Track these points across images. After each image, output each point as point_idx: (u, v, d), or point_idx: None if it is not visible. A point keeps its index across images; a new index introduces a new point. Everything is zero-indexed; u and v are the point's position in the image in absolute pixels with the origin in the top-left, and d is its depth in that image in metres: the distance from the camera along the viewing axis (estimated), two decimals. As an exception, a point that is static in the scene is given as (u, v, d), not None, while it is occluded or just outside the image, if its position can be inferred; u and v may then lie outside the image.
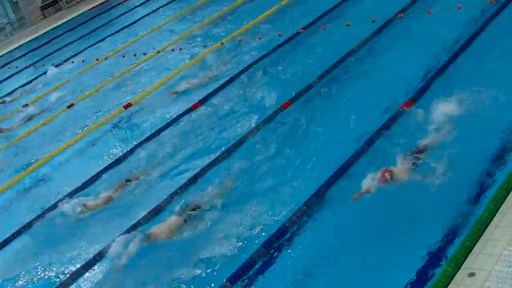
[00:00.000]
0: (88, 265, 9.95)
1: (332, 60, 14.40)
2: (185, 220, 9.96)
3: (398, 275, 7.28)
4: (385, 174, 8.78)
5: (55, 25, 34.95)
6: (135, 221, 10.63)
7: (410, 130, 10.21)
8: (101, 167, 13.49)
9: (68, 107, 18.83)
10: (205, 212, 10.13)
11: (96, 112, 17.46)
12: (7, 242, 11.91)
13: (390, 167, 8.97)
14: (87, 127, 16.54)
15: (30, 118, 19.50)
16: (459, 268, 6.75)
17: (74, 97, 19.65)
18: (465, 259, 6.86)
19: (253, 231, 9.20)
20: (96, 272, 9.80)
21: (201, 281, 8.56)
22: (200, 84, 16.22)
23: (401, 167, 9.01)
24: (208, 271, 8.73)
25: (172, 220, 10.04)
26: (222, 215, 9.93)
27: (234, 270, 8.36)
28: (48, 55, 27.71)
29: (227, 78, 15.83)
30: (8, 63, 29.93)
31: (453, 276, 6.66)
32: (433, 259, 7.35)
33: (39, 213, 12.34)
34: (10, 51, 33.31)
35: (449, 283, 6.59)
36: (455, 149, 9.16)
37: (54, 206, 12.23)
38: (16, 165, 16.04)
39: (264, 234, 8.97)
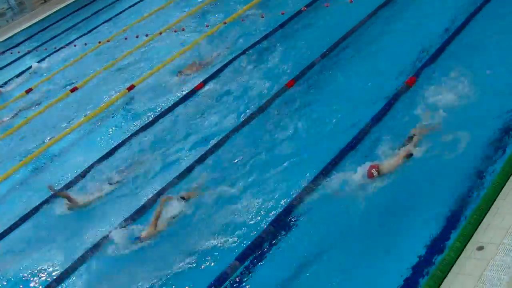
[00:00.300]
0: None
1: (335, 37, 14.34)
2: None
3: (408, 251, 7.29)
4: (372, 171, 8.66)
5: (55, 9, 34.73)
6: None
7: (406, 114, 10.19)
8: (106, 151, 13.51)
9: (72, 90, 18.80)
10: (212, 194, 10.16)
11: (100, 95, 17.41)
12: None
13: (377, 163, 8.84)
14: (91, 110, 16.50)
15: (33, 103, 19.47)
16: (467, 242, 6.76)
17: (78, 80, 19.58)
18: (474, 233, 6.87)
19: (261, 211, 9.23)
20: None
21: (210, 261, 8.61)
22: (202, 65, 16.15)
23: (390, 159, 8.92)
24: (217, 251, 8.75)
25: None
26: (230, 196, 9.96)
27: (242, 249, 8.42)
28: (50, 39, 27.56)
29: (230, 59, 15.79)
30: (10, 48, 29.77)
31: (462, 250, 6.67)
32: (442, 234, 7.34)
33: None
34: (11, 36, 33.15)
35: (458, 257, 6.60)
36: (460, 125, 9.17)
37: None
38: (22, 150, 16.03)
39: (272, 213, 8.99)
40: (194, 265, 8.63)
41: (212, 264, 8.49)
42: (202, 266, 8.54)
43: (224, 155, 11.38)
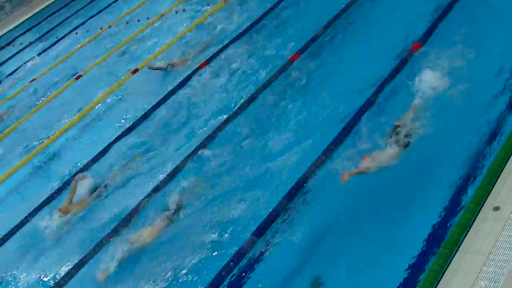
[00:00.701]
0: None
1: (337, 8, 14.21)
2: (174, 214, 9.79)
3: (424, 217, 7.31)
4: (364, 162, 8.33)
5: (54, -1, 34.70)
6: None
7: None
8: (115, 136, 13.52)
9: (76, 78, 18.79)
10: (221, 171, 10.19)
11: (104, 81, 17.40)
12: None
13: (371, 154, 8.49)
14: (97, 96, 16.50)
15: (39, 94, 19.47)
16: (483, 204, 6.74)
17: (82, 68, 19.56)
18: (489, 193, 6.85)
19: (274, 185, 9.24)
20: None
21: (227, 238, 8.65)
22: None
23: (387, 149, 8.58)
24: (232, 228, 8.79)
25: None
26: (240, 173, 9.97)
27: (258, 224, 8.43)
28: (52, 29, 27.55)
29: (234, 36, 15.70)
30: (12, 41, 29.78)
31: (478, 212, 6.66)
32: (456, 197, 7.35)
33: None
34: (12, 28, 33.10)
35: (474, 219, 6.59)
36: (467, 87, 9.07)
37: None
38: (29, 142, 16.08)
39: (285, 186, 8.96)
40: (211, 243, 8.67)
41: (230, 240, 8.53)
42: (220, 244, 8.58)
43: (232, 131, 11.40)
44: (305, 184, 8.85)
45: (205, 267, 8.33)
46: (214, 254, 8.47)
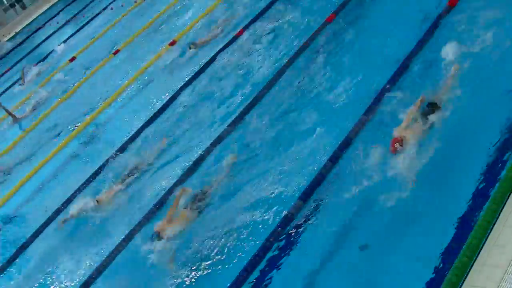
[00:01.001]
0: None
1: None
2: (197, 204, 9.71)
3: (470, 172, 7.28)
4: (395, 145, 8.04)
5: (87, -25, 34.80)
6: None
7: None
8: (156, 109, 13.66)
9: (114, 53, 18.93)
10: (263, 138, 10.26)
11: (142, 54, 17.47)
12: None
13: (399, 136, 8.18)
14: (135, 71, 16.58)
15: (78, 71, 19.68)
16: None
17: (119, 43, 19.69)
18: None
19: (318, 148, 9.24)
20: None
21: (274, 204, 8.69)
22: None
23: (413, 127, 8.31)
24: (278, 194, 8.82)
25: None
26: (282, 139, 10.03)
27: (304, 189, 8.48)
28: (86, 6, 27.75)
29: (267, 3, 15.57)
30: (48, 20, 30.10)
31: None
32: (500, 154, 7.30)
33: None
34: (48, 9, 33.45)
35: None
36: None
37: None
38: (72, 119, 16.25)
39: (329, 149, 8.99)
40: (257, 210, 8.74)
41: (276, 206, 8.58)
42: (266, 210, 8.62)
43: (273, 97, 11.45)
44: (348, 148, 8.83)
45: (252, 233, 8.42)
46: (261, 220, 8.53)
